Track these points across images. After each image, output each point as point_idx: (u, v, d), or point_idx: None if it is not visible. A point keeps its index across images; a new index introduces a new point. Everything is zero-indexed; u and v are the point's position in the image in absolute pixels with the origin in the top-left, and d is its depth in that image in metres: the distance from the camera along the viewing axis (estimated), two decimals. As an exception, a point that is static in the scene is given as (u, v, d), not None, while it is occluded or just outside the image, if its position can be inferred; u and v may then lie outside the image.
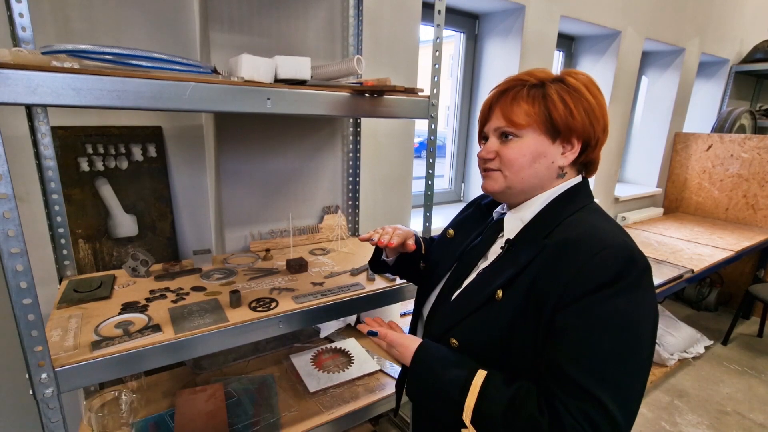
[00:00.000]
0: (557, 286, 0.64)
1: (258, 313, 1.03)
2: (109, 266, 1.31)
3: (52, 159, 1.15)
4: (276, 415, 1.22)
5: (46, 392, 0.77)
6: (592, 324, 0.62)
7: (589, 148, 0.75)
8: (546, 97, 0.72)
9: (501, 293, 0.70)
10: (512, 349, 0.69)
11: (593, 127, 0.73)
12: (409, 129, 1.87)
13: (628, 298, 0.62)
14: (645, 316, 0.63)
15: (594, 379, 0.60)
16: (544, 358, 0.65)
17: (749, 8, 3.73)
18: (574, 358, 0.62)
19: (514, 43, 2.19)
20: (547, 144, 0.73)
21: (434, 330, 0.81)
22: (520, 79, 0.75)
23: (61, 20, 1.12)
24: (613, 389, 0.60)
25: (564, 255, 0.66)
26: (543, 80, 0.74)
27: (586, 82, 0.73)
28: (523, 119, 0.72)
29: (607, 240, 0.65)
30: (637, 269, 0.63)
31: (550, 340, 0.65)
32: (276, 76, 0.99)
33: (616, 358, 0.61)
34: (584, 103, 0.72)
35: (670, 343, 2.70)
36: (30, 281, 0.72)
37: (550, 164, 0.74)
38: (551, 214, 0.74)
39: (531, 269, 0.68)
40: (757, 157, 3.18)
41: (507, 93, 0.75)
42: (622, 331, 0.61)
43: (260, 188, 1.54)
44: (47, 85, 0.69)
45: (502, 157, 0.75)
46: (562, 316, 0.63)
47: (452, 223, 0.96)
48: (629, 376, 0.61)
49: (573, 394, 0.60)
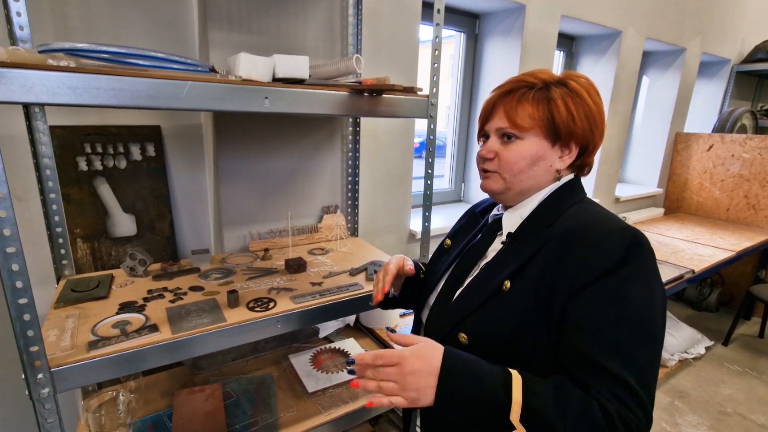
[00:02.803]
0: (567, 274, 0.65)
1: (256, 313, 1.03)
2: (107, 266, 1.30)
3: (50, 158, 1.15)
4: (274, 416, 1.22)
5: (42, 392, 0.77)
6: (607, 308, 0.62)
7: (585, 152, 0.75)
8: (550, 101, 0.72)
9: (509, 284, 0.70)
10: (522, 341, 0.68)
11: (592, 132, 0.73)
12: (409, 129, 1.86)
13: (639, 278, 0.63)
14: (656, 296, 0.64)
15: (617, 360, 0.60)
16: (563, 349, 0.65)
17: (750, 8, 3.71)
18: (595, 341, 0.62)
19: (514, 42, 2.18)
20: (546, 147, 0.73)
21: (438, 330, 0.79)
22: (524, 81, 0.75)
23: (60, 19, 1.12)
24: (636, 370, 0.60)
25: (571, 243, 0.67)
26: (547, 82, 0.73)
27: (587, 86, 0.74)
28: (526, 122, 0.72)
29: (612, 225, 0.67)
30: (643, 252, 0.64)
31: (567, 329, 0.64)
32: (274, 75, 0.99)
33: (635, 339, 0.61)
34: (585, 108, 0.72)
35: (670, 344, 2.70)
36: (26, 281, 0.71)
37: (548, 167, 0.75)
38: (551, 207, 0.74)
39: (538, 260, 0.69)
40: (758, 158, 3.17)
41: (512, 94, 0.74)
42: (637, 312, 0.62)
43: (259, 188, 1.54)
44: (43, 84, 0.69)
45: (501, 159, 0.75)
46: (576, 303, 0.64)
47: (449, 234, 0.96)
48: (648, 357, 0.62)
49: (603, 378, 0.60)
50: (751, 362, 2.77)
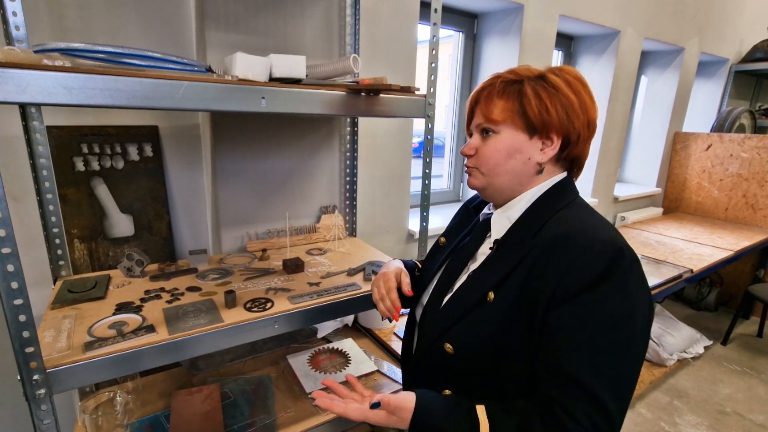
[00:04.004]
0: (549, 284, 0.64)
1: (253, 314, 1.02)
2: (105, 266, 1.30)
3: (47, 158, 1.14)
4: (272, 416, 1.22)
5: (38, 393, 0.76)
6: (586, 321, 0.62)
7: (570, 144, 0.74)
8: (521, 93, 0.72)
9: (492, 295, 0.70)
10: (506, 351, 0.68)
11: (572, 122, 0.72)
12: (407, 128, 1.86)
13: (620, 293, 0.62)
14: (638, 309, 0.63)
15: (591, 375, 0.60)
16: (540, 360, 0.65)
17: (749, 8, 3.72)
18: (571, 355, 0.62)
19: (512, 42, 2.18)
20: (523, 139, 0.73)
21: (428, 336, 0.80)
22: (501, 76, 0.76)
23: (56, 19, 1.12)
24: (609, 384, 0.61)
25: (553, 253, 0.66)
26: (523, 77, 0.74)
27: (569, 79, 0.73)
28: (498, 115, 0.73)
29: (596, 236, 0.66)
30: (626, 263, 0.64)
31: (545, 340, 0.64)
32: (271, 75, 0.99)
33: (612, 353, 0.61)
34: (562, 99, 0.71)
35: (669, 344, 2.70)
36: (21, 282, 0.71)
37: (527, 160, 0.74)
38: (538, 212, 0.74)
39: (521, 269, 0.69)
40: (757, 157, 3.17)
41: (486, 90, 0.76)
42: (617, 326, 0.62)
43: (257, 188, 1.54)
44: (38, 84, 0.69)
45: (479, 154, 0.76)
46: (555, 314, 0.64)
47: (444, 232, 0.96)
48: (625, 371, 0.62)
49: (571, 394, 0.61)
50: (750, 362, 2.77)
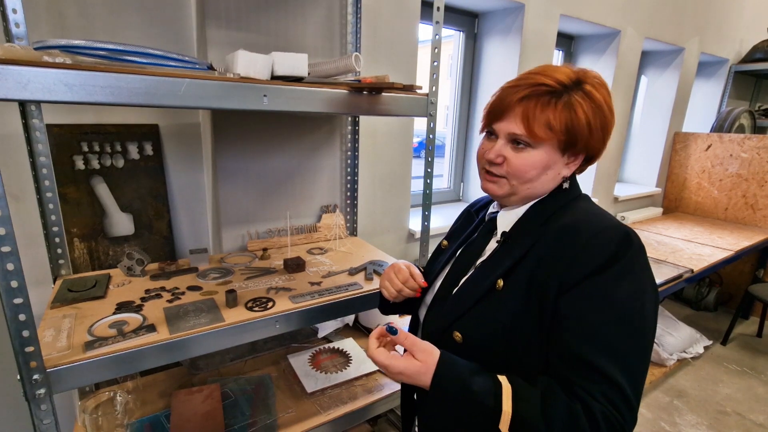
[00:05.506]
0: (558, 270, 0.65)
1: (254, 313, 1.02)
2: (105, 265, 1.29)
3: (47, 157, 1.13)
4: (273, 416, 1.21)
5: (37, 393, 0.76)
6: (597, 305, 0.63)
7: (591, 160, 0.75)
8: (571, 110, 0.68)
9: (501, 283, 0.70)
10: (516, 339, 0.68)
11: (604, 142, 0.73)
12: (408, 128, 1.86)
13: (629, 275, 0.63)
14: (647, 292, 0.64)
15: (607, 358, 0.61)
16: (553, 346, 0.65)
17: (749, 8, 3.72)
18: (584, 339, 0.62)
19: (513, 42, 2.18)
20: (557, 157, 0.72)
21: (435, 328, 0.79)
22: (543, 84, 0.69)
23: (56, 16, 1.11)
24: (625, 368, 0.61)
25: (562, 240, 0.67)
26: (564, 84, 0.69)
27: (604, 94, 0.71)
28: (544, 133, 0.68)
29: (603, 223, 0.67)
30: (633, 248, 0.65)
31: (557, 326, 0.65)
32: (273, 73, 0.98)
33: (625, 336, 0.62)
34: (602, 119, 0.70)
35: (669, 343, 2.69)
36: (21, 281, 0.70)
37: (556, 175, 0.74)
38: (545, 205, 0.75)
39: (530, 257, 0.69)
40: (757, 157, 3.17)
41: (530, 99, 0.69)
42: (628, 310, 0.62)
43: (258, 187, 1.53)
44: (38, 81, 0.68)
45: (510, 165, 0.72)
46: (566, 300, 0.64)
47: (447, 235, 0.96)
48: (638, 354, 0.63)
49: (589, 377, 0.61)
50: (749, 361, 2.77)
